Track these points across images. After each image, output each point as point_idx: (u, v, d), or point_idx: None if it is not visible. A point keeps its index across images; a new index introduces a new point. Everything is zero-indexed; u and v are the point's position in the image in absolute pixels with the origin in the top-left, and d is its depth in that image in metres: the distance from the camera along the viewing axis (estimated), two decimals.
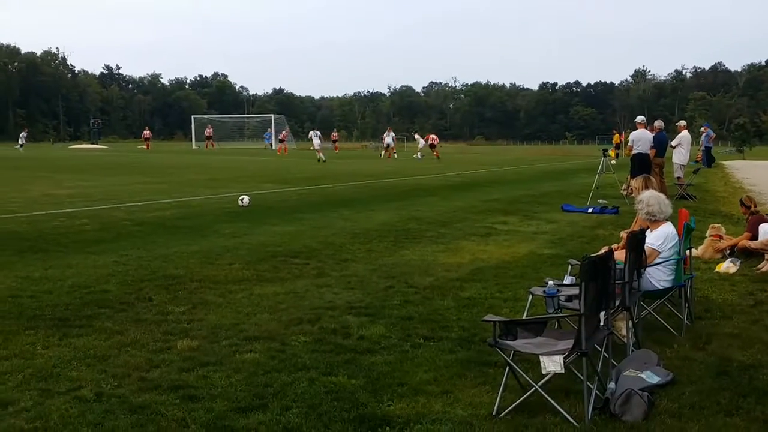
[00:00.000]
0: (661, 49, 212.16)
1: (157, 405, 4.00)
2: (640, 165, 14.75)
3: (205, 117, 79.37)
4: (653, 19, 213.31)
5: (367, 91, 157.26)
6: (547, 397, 3.88)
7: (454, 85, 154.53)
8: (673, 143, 17.74)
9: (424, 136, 47.82)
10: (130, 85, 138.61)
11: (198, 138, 65.19)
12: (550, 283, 4.86)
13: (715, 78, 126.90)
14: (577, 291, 4.16)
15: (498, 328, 4.05)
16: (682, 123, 19.11)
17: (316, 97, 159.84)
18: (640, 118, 16.16)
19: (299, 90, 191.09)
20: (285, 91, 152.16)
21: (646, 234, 5.47)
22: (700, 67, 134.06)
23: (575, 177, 25.23)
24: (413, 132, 62.41)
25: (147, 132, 64.38)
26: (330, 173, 25.86)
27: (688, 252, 6.06)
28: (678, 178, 17.78)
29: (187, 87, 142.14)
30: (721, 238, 9.12)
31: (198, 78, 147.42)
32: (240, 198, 14.34)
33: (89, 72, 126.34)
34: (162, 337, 5.30)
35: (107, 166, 31.10)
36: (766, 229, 8.58)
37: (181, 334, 5.38)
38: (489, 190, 19.15)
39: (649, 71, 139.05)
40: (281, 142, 50.68)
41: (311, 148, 38.84)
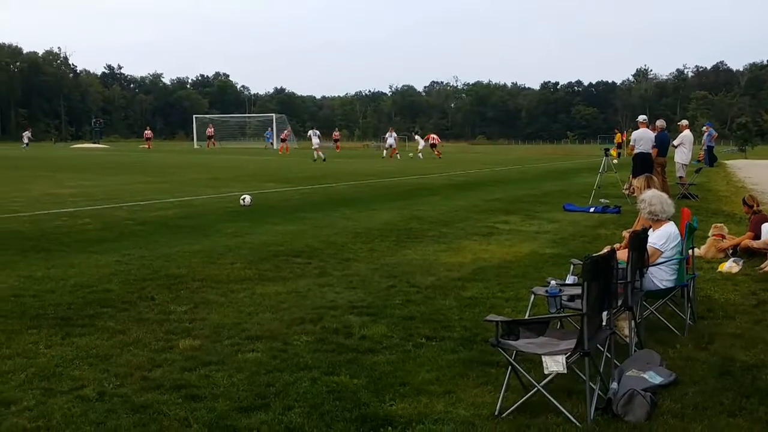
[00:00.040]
0: (662, 48, 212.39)
1: (159, 404, 4.00)
2: (642, 164, 14.73)
3: (207, 116, 79.48)
4: (655, 18, 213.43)
5: (369, 91, 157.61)
6: (550, 397, 3.87)
7: (455, 85, 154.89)
8: (675, 143, 17.72)
9: (425, 136, 47.85)
10: (132, 85, 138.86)
11: (199, 137, 65.26)
12: (553, 282, 4.85)
13: (717, 77, 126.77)
14: (579, 291, 4.15)
15: (500, 327, 4.05)
16: (684, 122, 19.10)
17: (318, 96, 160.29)
18: (642, 118, 16.17)
19: (300, 89, 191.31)
20: (286, 90, 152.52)
21: (648, 233, 5.47)
22: (702, 67, 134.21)
23: (577, 176, 25.20)
24: (413, 132, 62.47)
25: (148, 132, 64.62)
26: (332, 173, 25.86)
27: (691, 252, 6.05)
28: (680, 177, 17.76)
29: (188, 86, 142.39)
30: (723, 237, 9.11)
31: (199, 77, 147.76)
32: (242, 197, 14.35)
33: (91, 72, 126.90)
34: (164, 337, 5.31)
35: (109, 165, 31.14)
36: None
37: (183, 334, 5.38)
38: (491, 190, 19.13)
39: (650, 70, 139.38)
40: (283, 141, 50.68)
41: (312, 147, 38.91)
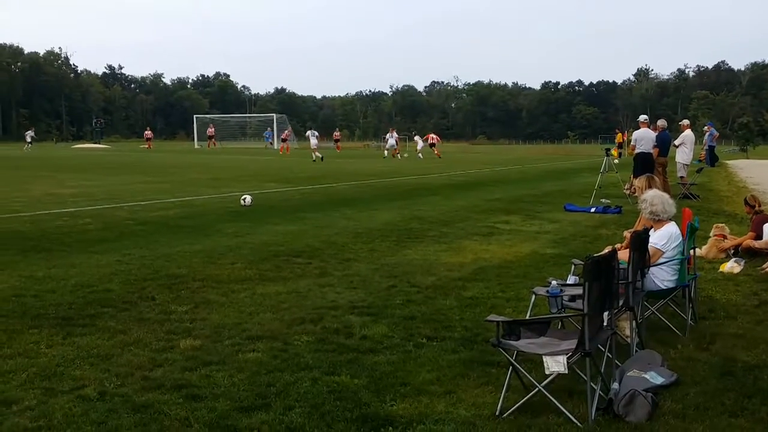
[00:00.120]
0: (663, 47, 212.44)
1: (160, 404, 4.00)
2: (643, 164, 14.72)
3: (207, 116, 79.52)
4: (656, 17, 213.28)
5: (369, 91, 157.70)
6: (551, 397, 3.87)
7: (456, 85, 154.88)
8: (676, 142, 17.72)
9: (424, 136, 47.90)
10: (133, 85, 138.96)
11: (200, 137, 65.29)
12: (554, 282, 4.84)
13: (718, 77, 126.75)
14: (580, 291, 4.15)
15: (501, 327, 4.04)
16: (686, 122, 19.09)
17: (318, 96, 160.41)
18: (643, 117, 16.17)
19: (301, 89, 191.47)
20: (287, 90, 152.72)
21: (649, 234, 5.47)
22: (703, 66, 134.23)
23: (578, 176, 25.19)
24: (413, 132, 62.53)
25: (148, 132, 64.76)
26: (332, 173, 25.85)
27: (692, 252, 6.05)
28: (681, 177, 17.76)
29: (189, 87, 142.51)
30: (725, 237, 9.10)
31: (200, 78, 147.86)
32: (242, 197, 14.34)
33: (92, 72, 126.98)
34: (165, 337, 5.30)
35: (110, 165, 31.15)
36: None
37: (184, 334, 5.38)
38: (491, 190, 19.13)
39: (651, 70, 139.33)
40: (284, 141, 50.69)
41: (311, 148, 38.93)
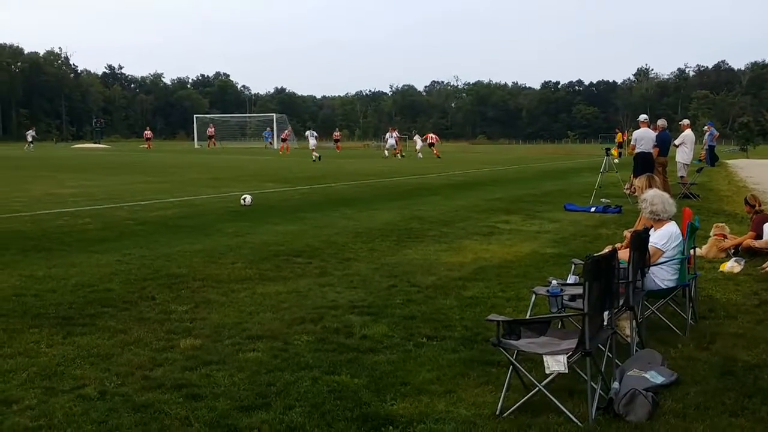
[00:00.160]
0: (663, 47, 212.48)
1: (160, 403, 4.00)
2: (643, 164, 14.73)
3: (207, 116, 79.52)
4: (656, 17, 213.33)
5: (369, 91, 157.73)
6: (551, 396, 3.87)
7: (456, 84, 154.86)
8: (676, 142, 17.72)
9: (423, 135, 47.97)
10: (132, 85, 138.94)
11: (200, 137, 65.29)
12: (554, 282, 4.84)
13: (718, 76, 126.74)
14: (580, 290, 4.15)
15: (501, 327, 4.04)
16: (686, 122, 19.08)
17: (318, 96, 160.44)
18: (643, 117, 16.17)
19: (301, 89, 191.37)
20: (287, 90, 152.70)
21: (649, 233, 5.47)
22: (703, 66, 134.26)
23: (578, 176, 25.19)
24: (413, 131, 62.52)
25: (148, 132, 64.80)
26: (332, 172, 25.86)
27: (692, 251, 6.05)
28: (681, 177, 17.76)
29: (189, 86, 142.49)
30: (725, 237, 9.10)
31: (200, 77, 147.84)
32: (242, 197, 14.35)
33: (92, 72, 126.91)
34: (165, 336, 5.30)
35: (110, 165, 31.15)
36: None
37: (184, 333, 5.38)
38: (491, 189, 19.12)
39: (651, 70, 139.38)
40: (284, 141, 50.71)
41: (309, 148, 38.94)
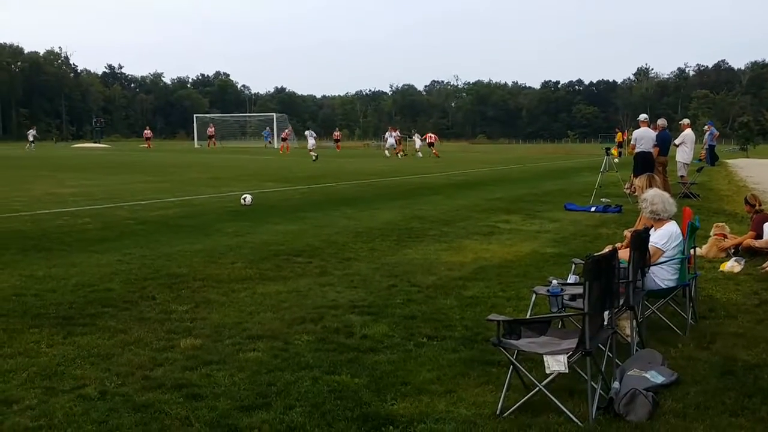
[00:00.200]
0: (664, 47, 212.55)
1: (160, 403, 4.00)
2: (643, 163, 14.73)
3: (207, 116, 79.52)
4: (656, 16, 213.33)
5: (369, 90, 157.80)
6: (551, 396, 3.87)
7: (456, 84, 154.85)
8: (676, 142, 17.71)
9: (423, 135, 48.01)
10: (132, 84, 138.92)
11: (200, 137, 65.27)
12: (554, 282, 4.84)
13: (718, 76, 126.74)
14: (580, 290, 4.15)
15: (502, 327, 4.04)
16: (686, 121, 19.07)
17: (318, 95, 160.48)
18: (643, 117, 16.17)
19: (301, 89, 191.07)
20: (287, 89, 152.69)
21: (650, 233, 5.47)
22: (703, 65, 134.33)
23: (578, 176, 25.19)
24: (413, 130, 62.53)
25: (148, 131, 64.78)
26: (332, 172, 25.85)
27: (693, 251, 6.05)
28: (681, 176, 17.76)
29: (189, 86, 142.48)
30: (725, 236, 9.10)
31: (200, 77, 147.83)
32: (242, 197, 14.35)
33: (92, 71, 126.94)
34: (165, 336, 5.30)
35: (110, 165, 31.15)
36: None
37: (184, 333, 5.38)
38: (492, 189, 19.12)
39: (652, 69, 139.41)
40: (284, 140, 50.73)
41: (312, 148, 38.94)
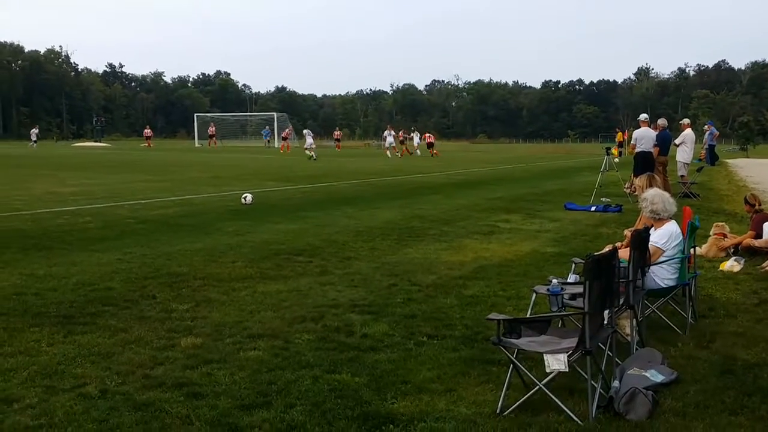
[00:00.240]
0: (664, 46, 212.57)
1: (161, 402, 4.01)
2: (644, 163, 14.74)
3: (208, 115, 79.49)
4: (656, 16, 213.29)
5: (370, 90, 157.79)
6: (551, 395, 3.88)
7: (456, 83, 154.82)
8: (676, 141, 17.72)
9: (422, 135, 48.05)
10: (133, 83, 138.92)
11: (201, 136, 65.25)
12: (554, 281, 4.85)
13: (718, 76, 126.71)
14: (581, 289, 4.16)
15: (502, 326, 4.05)
16: (686, 121, 19.07)
17: (319, 95, 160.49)
18: (644, 116, 16.18)
19: (301, 88, 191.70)
20: (287, 89, 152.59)
21: (650, 232, 5.47)
22: (703, 65, 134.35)
23: (578, 175, 25.19)
24: (412, 128, 62.51)
25: (148, 130, 64.84)
26: (333, 171, 25.86)
27: (692, 250, 6.06)
28: (682, 176, 17.77)
29: (189, 85, 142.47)
30: (725, 236, 9.10)
31: (200, 76, 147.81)
32: (243, 196, 14.36)
33: (92, 70, 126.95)
34: (166, 335, 5.31)
35: (110, 164, 31.15)
36: None
37: (184, 332, 5.38)
38: (492, 188, 19.13)
39: (652, 69, 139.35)
40: (284, 140, 50.73)
41: (310, 147, 38.81)
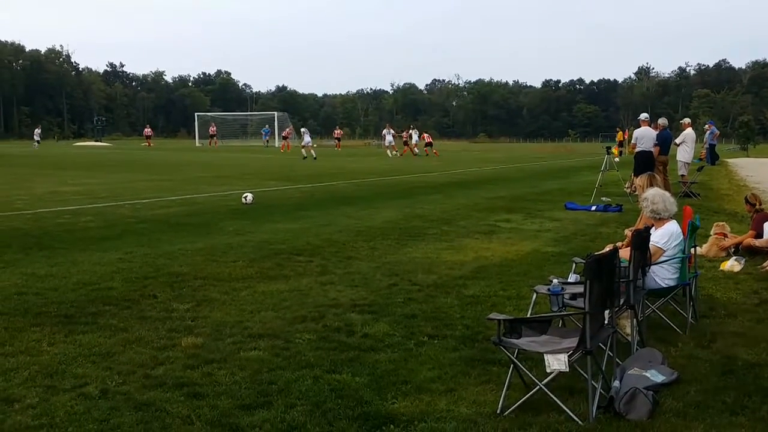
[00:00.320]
0: (664, 46, 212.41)
1: (161, 402, 4.01)
2: (644, 163, 14.73)
3: (209, 114, 79.54)
4: (657, 16, 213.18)
5: (370, 89, 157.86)
6: (552, 395, 3.88)
7: (457, 83, 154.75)
8: (677, 141, 17.71)
9: (420, 134, 48.04)
10: (134, 83, 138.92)
11: (201, 135, 65.26)
12: (555, 281, 4.85)
13: (719, 75, 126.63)
14: (581, 289, 4.16)
15: (502, 326, 4.05)
16: (687, 121, 19.05)
17: (319, 94, 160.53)
18: (644, 116, 16.18)
19: (302, 87, 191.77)
20: (288, 88, 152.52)
21: (650, 232, 5.47)
22: (704, 65, 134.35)
23: (578, 175, 25.17)
24: (411, 127, 62.50)
25: (148, 129, 64.88)
26: (333, 171, 25.86)
27: (693, 250, 6.06)
28: (682, 175, 17.76)
29: (190, 84, 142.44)
30: (725, 236, 9.10)
31: (201, 75, 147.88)
32: (244, 195, 14.36)
33: (93, 70, 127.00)
34: (166, 335, 5.31)
35: (111, 163, 31.17)
36: None
37: (185, 332, 5.39)
38: (492, 188, 19.12)
39: (652, 68, 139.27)
40: (285, 139, 50.73)
41: (308, 146, 38.68)
